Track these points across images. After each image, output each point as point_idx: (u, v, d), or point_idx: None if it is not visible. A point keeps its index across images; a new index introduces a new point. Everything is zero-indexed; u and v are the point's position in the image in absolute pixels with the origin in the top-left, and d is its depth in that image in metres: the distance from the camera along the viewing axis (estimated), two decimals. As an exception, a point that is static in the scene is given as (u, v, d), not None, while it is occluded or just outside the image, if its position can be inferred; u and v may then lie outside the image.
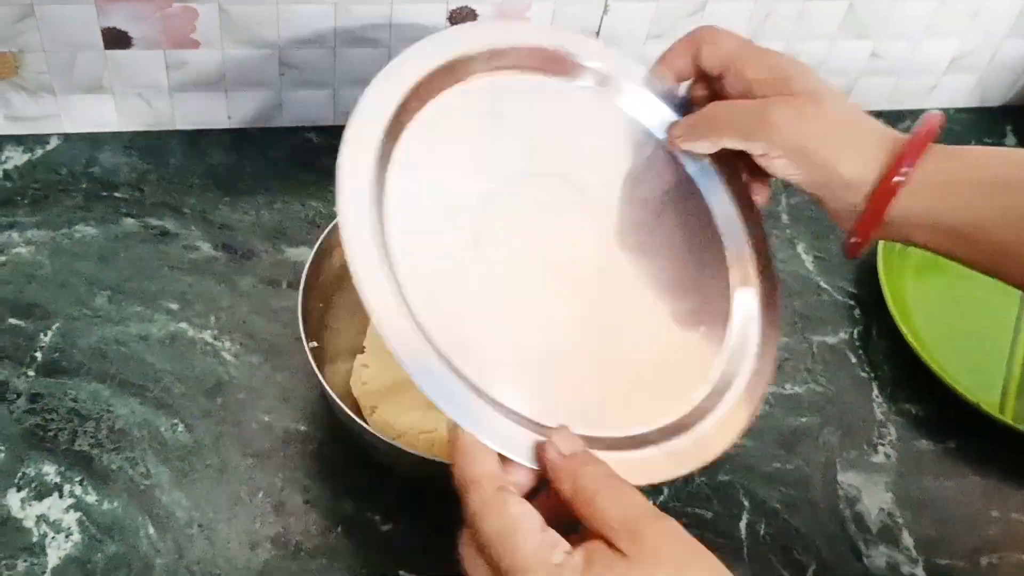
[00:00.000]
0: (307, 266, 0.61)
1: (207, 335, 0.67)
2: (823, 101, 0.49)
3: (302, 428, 0.64)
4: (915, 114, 0.88)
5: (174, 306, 0.68)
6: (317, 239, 0.61)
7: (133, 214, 0.73)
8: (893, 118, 0.89)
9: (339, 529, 0.60)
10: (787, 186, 0.81)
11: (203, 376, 0.65)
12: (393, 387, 0.63)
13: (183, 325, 0.68)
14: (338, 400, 0.56)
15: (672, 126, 0.55)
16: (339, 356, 0.65)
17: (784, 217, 0.80)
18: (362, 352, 0.66)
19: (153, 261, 0.71)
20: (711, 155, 0.55)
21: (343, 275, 0.65)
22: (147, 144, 0.77)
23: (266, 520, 0.60)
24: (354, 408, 0.62)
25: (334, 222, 0.62)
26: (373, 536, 0.60)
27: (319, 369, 0.57)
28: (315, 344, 0.61)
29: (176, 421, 0.63)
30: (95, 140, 0.76)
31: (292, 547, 0.59)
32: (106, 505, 0.59)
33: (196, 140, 0.78)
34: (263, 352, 0.67)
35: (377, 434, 0.55)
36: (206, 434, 0.63)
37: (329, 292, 0.64)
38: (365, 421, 0.61)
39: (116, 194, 0.74)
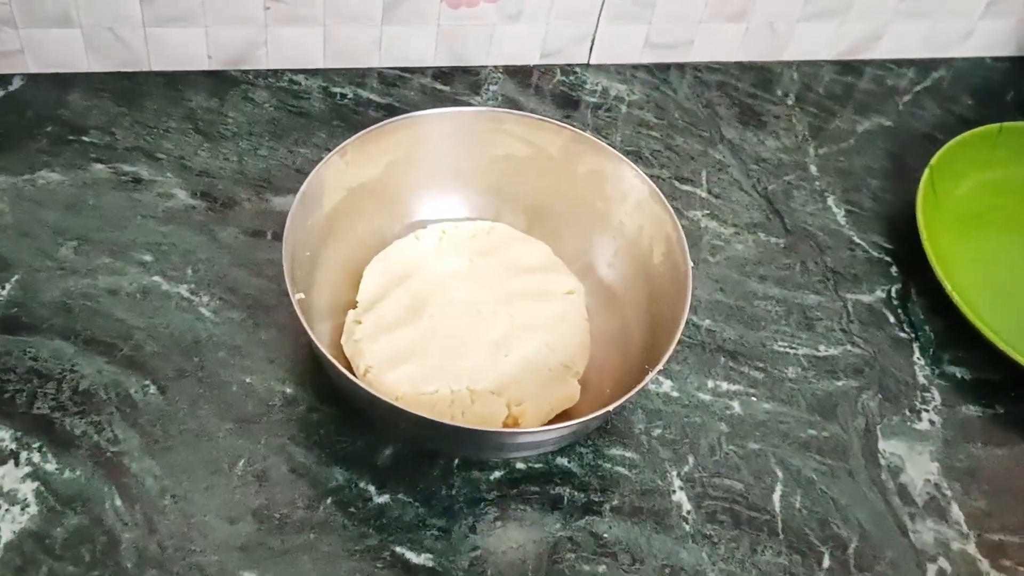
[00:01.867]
0: (291, 213, 0.55)
1: (183, 289, 0.61)
2: None
3: (288, 391, 0.57)
4: (949, 63, 0.83)
5: (147, 258, 0.62)
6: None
7: (103, 160, 0.66)
8: (925, 67, 0.83)
9: (328, 501, 0.54)
10: (814, 136, 0.76)
11: (179, 333, 0.59)
12: (389, 344, 0.57)
13: (157, 278, 0.61)
14: (328, 355, 0.50)
15: None
16: (329, 312, 0.59)
17: (812, 168, 0.74)
18: (354, 308, 0.60)
19: (125, 210, 0.64)
20: None
21: (333, 224, 0.59)
22: (120, 86, 0.70)
23: (247, 491, 0.53)
24: (345, 367, 0.56)
25: (320, 165, 0.56)
26: (366, 508, 0.54)
27: (308, 325, 0.51)
28: (302, 296, 0.54)
29: (148, 382, 0.57)
30: (63, 81, 0.70)
31: (276, 521, 0.53)
32: (68, 474, 0.53)
33: (174, 82, 0.71)
34: (245, 308, 0.61)
35: (375, 393, 0.49)
36: (181, 396, 0.56)
37: (317, 242, 0.58)
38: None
39: (85, 138, 0.67)
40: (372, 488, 0.54)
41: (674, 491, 0.56)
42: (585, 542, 0.54)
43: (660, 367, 0.51)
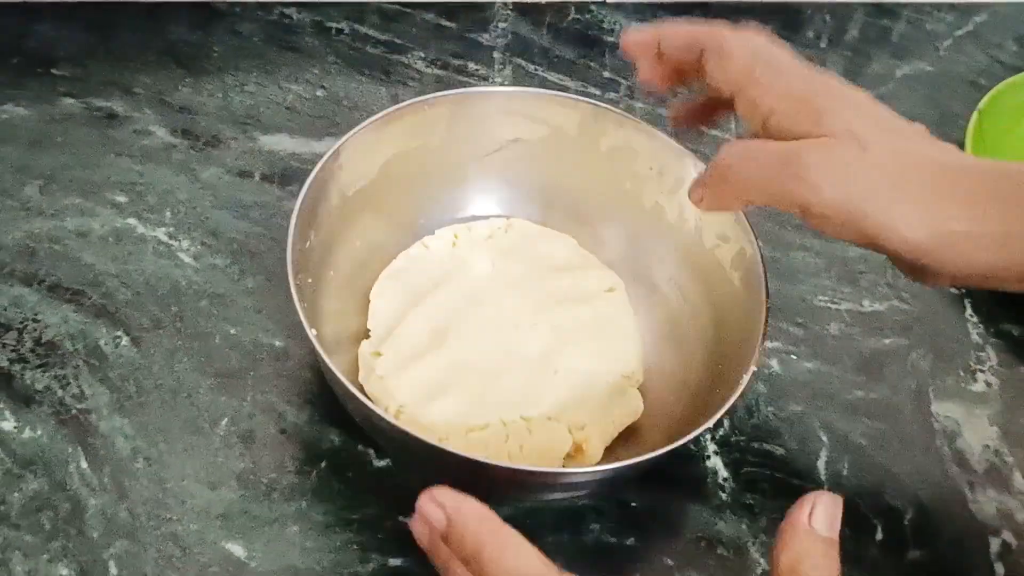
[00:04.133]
0: (291, 237, 0.44)
1: (161, 233, 0.55)
2: (868, 146, 0.37)
3: (277, 343, 0.51)
4: (991, 7, 0.77)
5: (121, 199, 0.56)
6: (295, 125, 0.49)
7: (74, 93, 0.60)
8: (965, 11, 0.77)
9: (322, 465, 0.48)
10: (850, 81, 0.70)
11: (155, 280, 0.53)
12: (419, 377, 0.48)
13: (131, 220, 0.55)
14: (370, 403, 0.40)
15: (692, 188, 0.42)
16: (337, 345, 0.48)
17: (849, 114, 0.68)
18: (367, 337, 0.50)
19: (97, 147, 0.58)
20: None
21: (330, 241, 0.49)
22: (93, 16, 0.64)
23: (231, 453, 0.47)
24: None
25: (314, 171, 0.47)
26: (365, 474, 0.48)
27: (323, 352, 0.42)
28: (315, 332, 0.43)
29: (119, 333, 0.51)
30: (30, 9, 0.64)
31: (263, 487, 0.47)
32: (27, 433, 0.47)
33: (153, 13, 0.65)
34: (229, 254, 0.54)
35: (422, 437, 0.40)
36: (157, 349, 0.50)
37: (316, 266, 0.48)
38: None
39: (54, 71, 0.61)
40: (371, 450, 0.48)
41: (708, 456, 0.50)
42: (611, 512, 0.48)
43: (737, 395, 0.42)
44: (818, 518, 0.34)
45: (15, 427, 0.47)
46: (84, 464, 0.46)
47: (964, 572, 0.49)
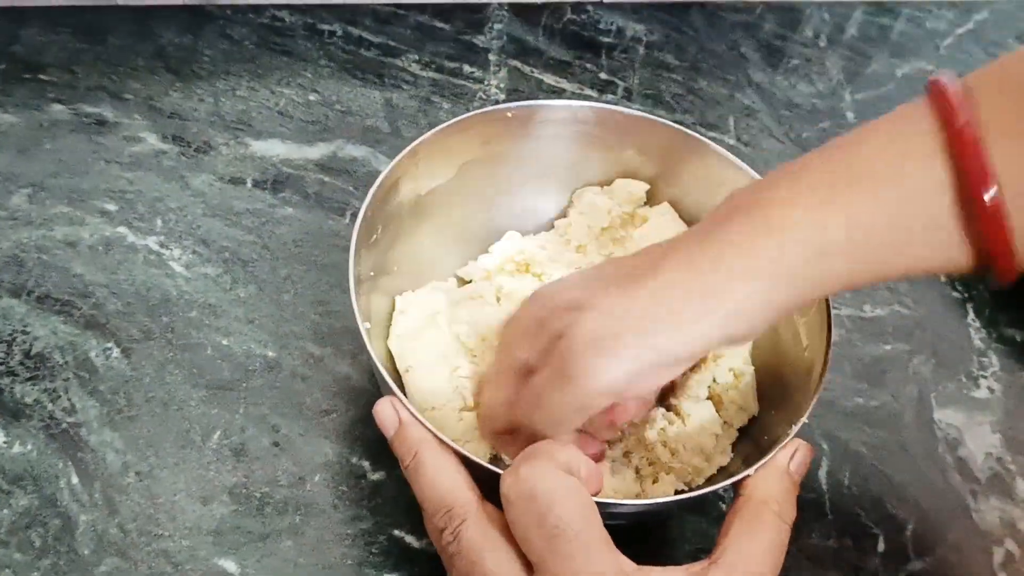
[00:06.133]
0: (357, 233, 0.43)
1: (151, 241, 0.54)
2: None
3: (270, 354, 0.51)
4: (991, 5, 0.76)
5: (111, 207, 0.55)
6: (288, 130, 0.48)
7: (62, 100, 0.59)
8: (966, 9, 0.76)
9: (316, 478, 0.47)
10: (849, 80, 0.70)
11: (145, 290, 0.52)
12: (430, 344, 0.47)
13: (121, 229, 0.54)
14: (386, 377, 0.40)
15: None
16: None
17: (849, 115, 0.67)
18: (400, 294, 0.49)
19: (86, 154, 0.57)
20: None
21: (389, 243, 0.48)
22: (82, 21, 0.63)
23: (223, 467, 0.47)
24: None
25: (392, 164, 0.46)
26: (360, 487, 0.47)
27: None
28: (368, 325, 0.44)
29: (110, 344, 0.50)
30: (17, 14, 0.63)
31: (256, 501, 0.46)
32: (17, 448, 0.46)
33: (143, 18, 0.64)
34: (221, 263, 0.54)
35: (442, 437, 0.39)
36: (147, 361, 0.50)
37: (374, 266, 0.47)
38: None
39: (42, 76, 0.60)
40: (366, 464, 0.48)
41: (707, 466, 0.50)
42: (607, 523, 0.47)
43: (804, 420, 0.41)
44: (796, 463, 0.39)
45: (4, 442, 0.46)
46: (75, 479, 0.46)
47: (967, 582, 0.48)
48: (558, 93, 0.65)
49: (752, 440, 0.46)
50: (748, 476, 0.39)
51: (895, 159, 0.34)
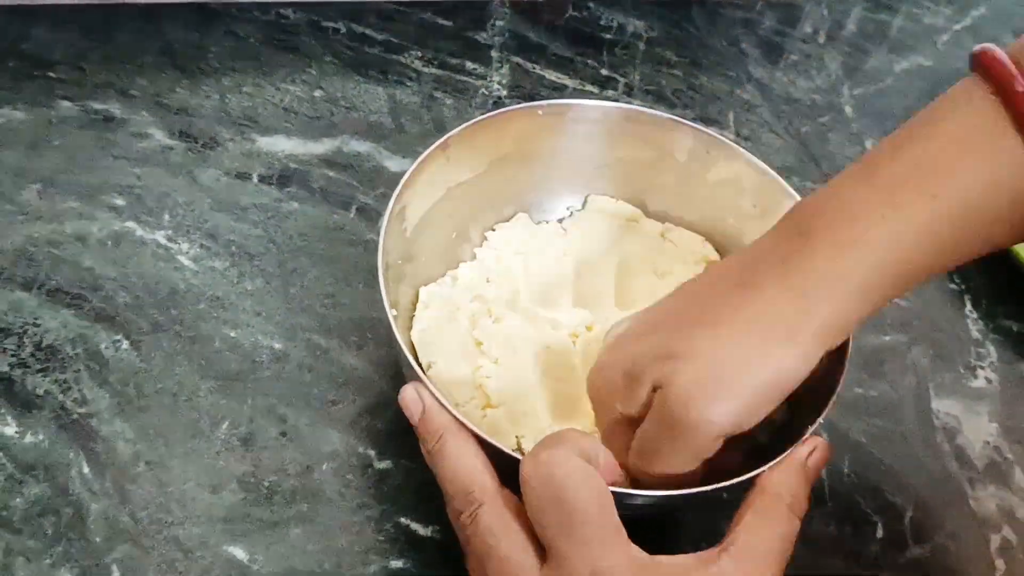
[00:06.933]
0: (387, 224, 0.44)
1: (160, 236, 0.55)
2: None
3: (277, 346, 0.51)
4: (989, 1, 0.77)
5: (119, 202, 0.56)
6: (293, 126, 0.49)
7: (71, 97, 0.60)
8: (963, 5, 0.77)
9: (323, 468, 0.48)
10: (848, 76, 0.70)
11: (154, 284, 0.53)
12: (452, 339, 0.48)
13: (130, 224, 0.55)
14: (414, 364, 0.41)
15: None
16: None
17: (848, 109, 0.68)
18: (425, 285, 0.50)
19: (94, 150, 0.58)
20: None
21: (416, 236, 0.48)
22: (89, 18, 0.64)
23: (232, 456, 0.47)
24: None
25: (420, 159, 0.46)
26: (367, 476, 0.48)
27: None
28: (395, 312, 0.44)
29: (119, 337, 0.51)
30: (25, 13, 0.63)
31: (264, 490, 0.47)
32: (29, 438, 0.47)
33: (149, 16, 0.65)
34: (228, 256, 0.54)
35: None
36: (157, 353, 0.50)
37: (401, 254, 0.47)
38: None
39: (50, 74, 0.61)
40: (372, 453, 0.48)
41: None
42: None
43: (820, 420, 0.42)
44: (814, 459, 0.40)
45: (16, 432, 0.47)
46: (86, 469, 0.46)
47: (964, 569, 0.49)
48: (560, 89, 0.66)
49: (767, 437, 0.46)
50: (764, 471, 0.39)
51: (967, 143, 0.34)
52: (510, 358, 0.47)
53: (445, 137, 0.47)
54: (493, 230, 0.52)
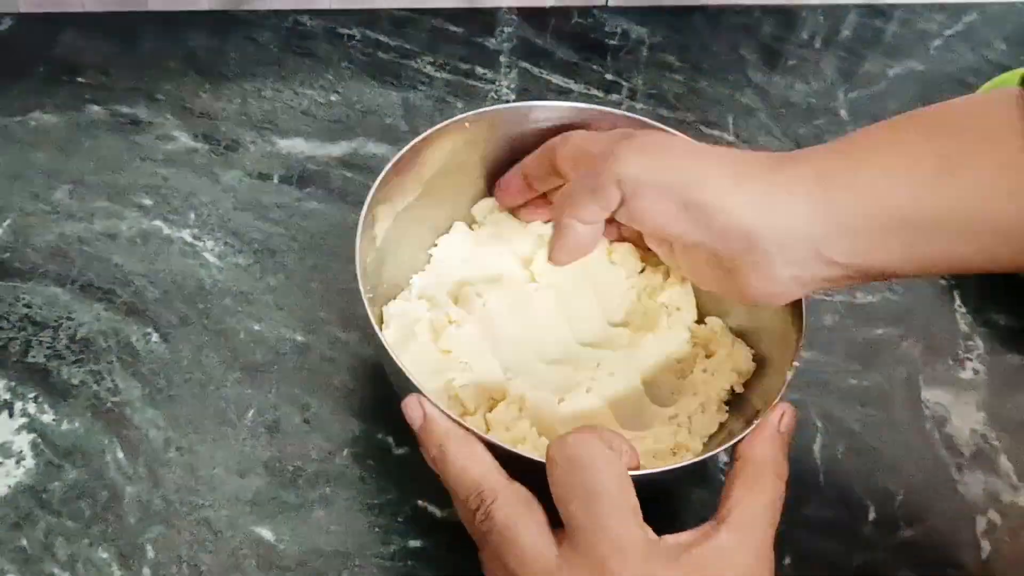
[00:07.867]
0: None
1: (186, 234, 0.57)
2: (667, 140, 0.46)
3: (299, 338, 0.54)
4: (981, 8, 0.79)
5: (147, 201, 0.59)
6: (311, 129, 0.51)
7: (99, 101, 0.63)
8: (956, 11, 0.79)
9: (344, 453, 0.50)
10: (844, 80, 0.73)
11: (181, 279, 0.56)
12: (417, 359, 0.48)
13: (157, 222, 0.58)
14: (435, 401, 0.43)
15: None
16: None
17: (843, 113, 0.71)
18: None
19: (122, 152, 0.61)
20: None
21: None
22: (115, 26, 0.67)
23: (258, 442, 0.50)
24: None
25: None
26: (385, 461, 0.50)
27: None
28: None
29: (149, 330, 0.53)
30: (55, 21, 0.66)
31: (289, 474, 0.49)
32: (65, 425, 0.50)
33: (172, 22, 0.68)
34: (252, 253, 0.57)
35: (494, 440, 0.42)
36: (185, 345, 0.53)
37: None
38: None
39: (79, 79, 0.64)
40: (391, 439, 0.51)
41: (709, 442, 0.53)
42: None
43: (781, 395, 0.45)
44: (785, 423, 0.43)
45: (54, 419, 0.50)
46: (120, 454, 0.49)
47: (952, 549, 0.51)
48: (565, 93, 0.68)
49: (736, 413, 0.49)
50: (742, 439, 0.43)
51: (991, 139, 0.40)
52: (478, 360, 0.49)
53: (391, 163, 0.49)
54: (436, 245, 0.53)
